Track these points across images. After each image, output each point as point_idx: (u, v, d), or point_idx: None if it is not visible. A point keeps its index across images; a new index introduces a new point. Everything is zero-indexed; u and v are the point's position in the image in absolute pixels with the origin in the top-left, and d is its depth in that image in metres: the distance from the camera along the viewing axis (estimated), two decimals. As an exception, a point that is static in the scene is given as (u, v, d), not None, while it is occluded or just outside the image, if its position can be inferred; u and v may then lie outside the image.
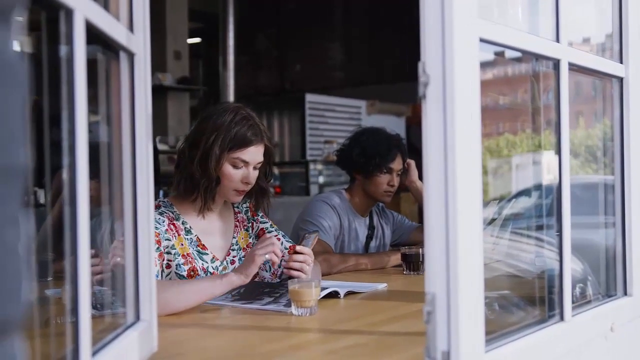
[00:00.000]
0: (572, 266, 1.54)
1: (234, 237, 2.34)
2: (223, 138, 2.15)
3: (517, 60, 1.67)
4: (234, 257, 2.32)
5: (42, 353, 1.09)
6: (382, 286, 2.34)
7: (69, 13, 0.98)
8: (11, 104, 0.53)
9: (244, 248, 2.35)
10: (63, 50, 1.00)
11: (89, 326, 1.01)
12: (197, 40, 9.95)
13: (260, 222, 2.42)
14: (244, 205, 2.41)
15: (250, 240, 2.38)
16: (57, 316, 1.35)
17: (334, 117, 7.93)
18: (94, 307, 1.14)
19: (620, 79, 1.78)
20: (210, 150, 2.15)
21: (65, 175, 1.00)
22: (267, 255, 1.98)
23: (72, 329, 0.99)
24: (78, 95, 0.99)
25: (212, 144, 2.15)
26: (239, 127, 2.17)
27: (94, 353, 1.07)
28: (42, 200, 2.50)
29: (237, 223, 2.37)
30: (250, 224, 2.41)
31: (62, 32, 0.99)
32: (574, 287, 1.58)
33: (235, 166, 2.19)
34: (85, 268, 1.00)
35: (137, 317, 1.35)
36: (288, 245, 2.39)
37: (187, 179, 2.21)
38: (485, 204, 1.27)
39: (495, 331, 1.31)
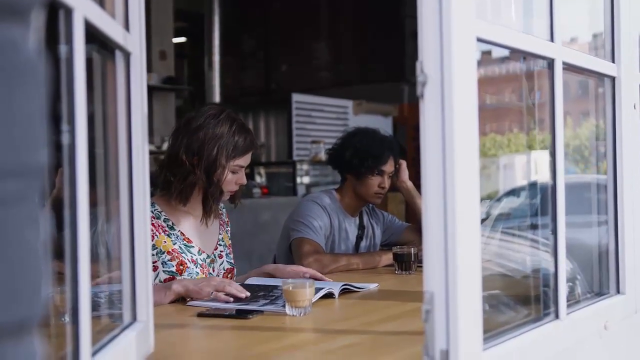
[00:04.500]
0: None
1: (219, 234, 2.41)
2: (227, 148, 2.22)
3: (505, 59, 1.67)
4: (221, 251, 2.39)
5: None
6: (373, 286, 2.34)
7: (69, 12, 0.97)
8: (31, 103, 0.53)
9: (228, 245, 2.44)
10: (62, 49, 0.99)
11: (89, 327, 1.00)
12: (182, 39, 9.91)
13: (230, 233, 2.51)
14: (224, 209, 2.48)
15: (229, 241, 2.48)
16: (52, 316, 1.33)
17: (320, 117, 7.92)
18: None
19: (613, 78, 1.79)
20: (216, 161, 2.21)
21: (64, 175, 0.99)
22: (213, 294, 2.00)
23: (72, 329, 0.98)
24: (78, 94, 0.99)
25: (217, 154, 2.20)
26: (238, 136, 2.25)
27: (94, 353, 1.06)
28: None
29: (221, 222, 2.45)
30: (228, 229, 2.50)
31: (61, 31, 0.98)
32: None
33: (234, 172, 2.27)
34: (85, 269, 0.99)
35: (134, 318, 1.34)
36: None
37: (189, 187, 2.23)
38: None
39: (492, 329, 1.31)
